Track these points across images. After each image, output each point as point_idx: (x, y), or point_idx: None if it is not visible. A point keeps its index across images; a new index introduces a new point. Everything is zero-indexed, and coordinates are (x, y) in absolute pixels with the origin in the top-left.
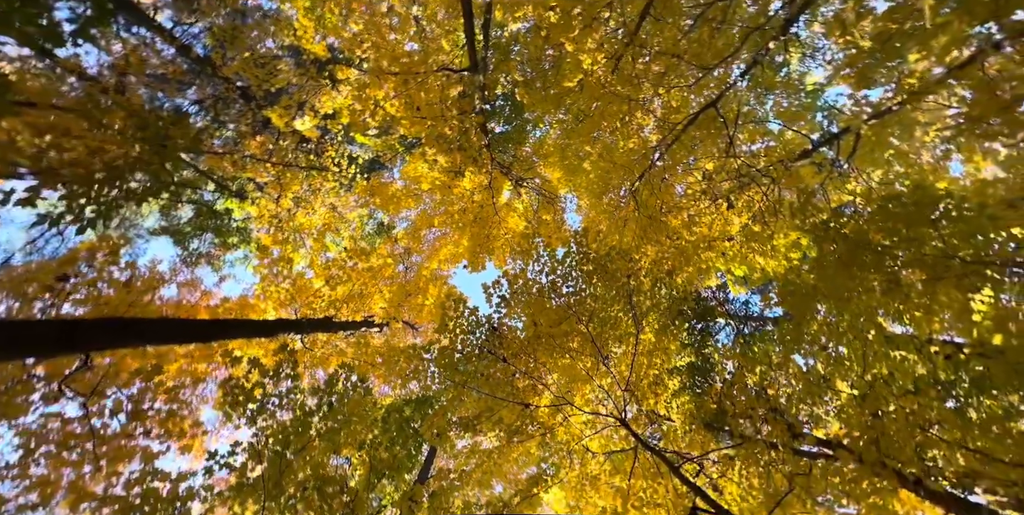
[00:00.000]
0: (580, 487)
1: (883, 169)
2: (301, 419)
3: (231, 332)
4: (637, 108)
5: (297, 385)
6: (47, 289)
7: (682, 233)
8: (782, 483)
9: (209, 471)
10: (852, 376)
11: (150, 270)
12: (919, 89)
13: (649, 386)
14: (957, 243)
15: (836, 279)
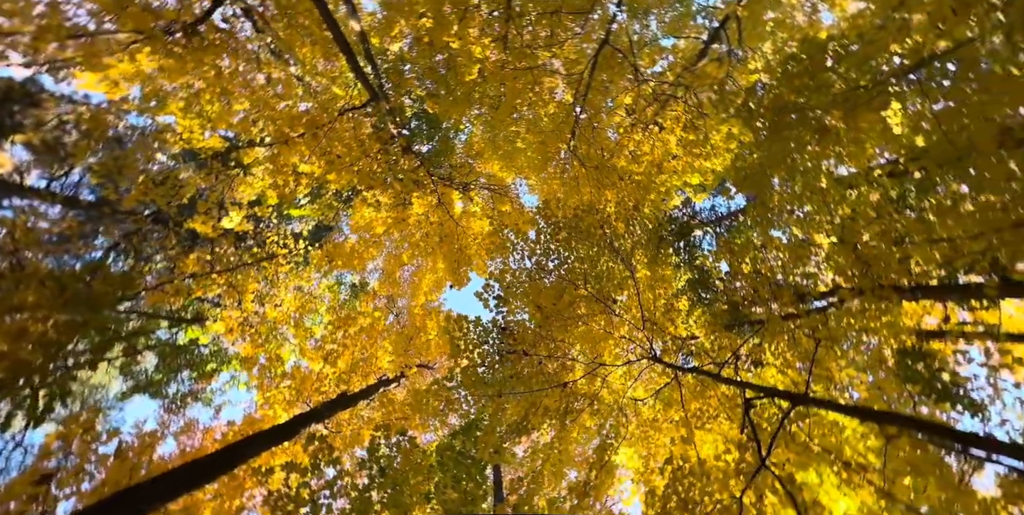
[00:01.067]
0: (644, 436)
1: (770, 41)
2: (359, 499)
3: (248, 450)
4: (541, 75)
5: (341, 469)
6: (32, 499)
7: (631, 169)
8: (809, 344)
9: None
10: (824, 226)
11: (137, 435)
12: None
13: (663, 316)
14: (855, 75)
15: (774, 149)
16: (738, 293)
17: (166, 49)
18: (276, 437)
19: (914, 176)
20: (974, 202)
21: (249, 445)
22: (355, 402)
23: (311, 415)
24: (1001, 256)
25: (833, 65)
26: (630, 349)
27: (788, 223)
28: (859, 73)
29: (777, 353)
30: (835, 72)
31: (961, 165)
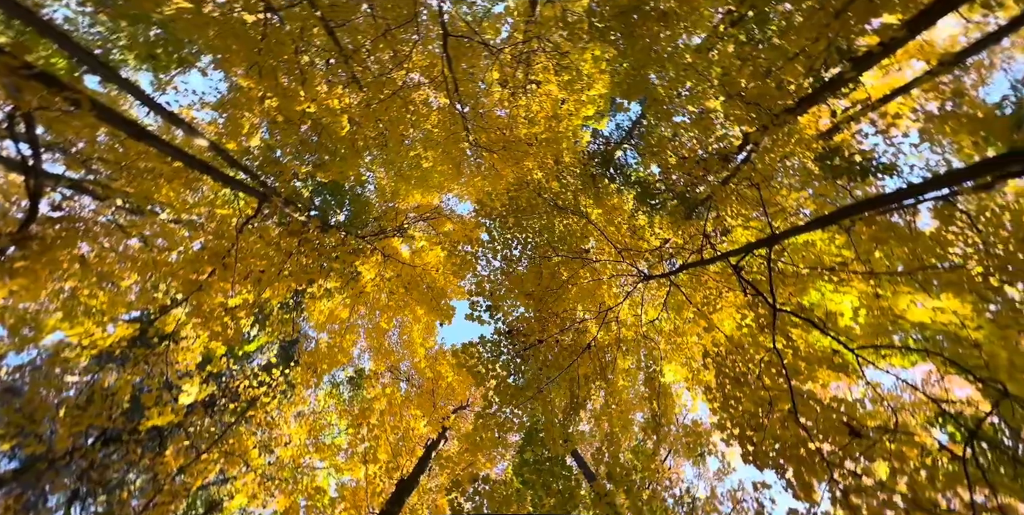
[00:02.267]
0: (676, 347)
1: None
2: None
3: None
4: (407, 93)
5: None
6: None
7: (534, 132)
8: (753, 192)
9: None
10: (709, 92)
11: None
12: None
13: (632, 238)
14: None
15: (635, 50)
16: (678, 184)
17: (8, 271)
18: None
19: (749, 15)
20: (801, 14)
21: None
22: (416, 482)
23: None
24: (840, 43)
25: None
26: (623, 282)
27: (682, 105)
28: None
29: (734, 214)
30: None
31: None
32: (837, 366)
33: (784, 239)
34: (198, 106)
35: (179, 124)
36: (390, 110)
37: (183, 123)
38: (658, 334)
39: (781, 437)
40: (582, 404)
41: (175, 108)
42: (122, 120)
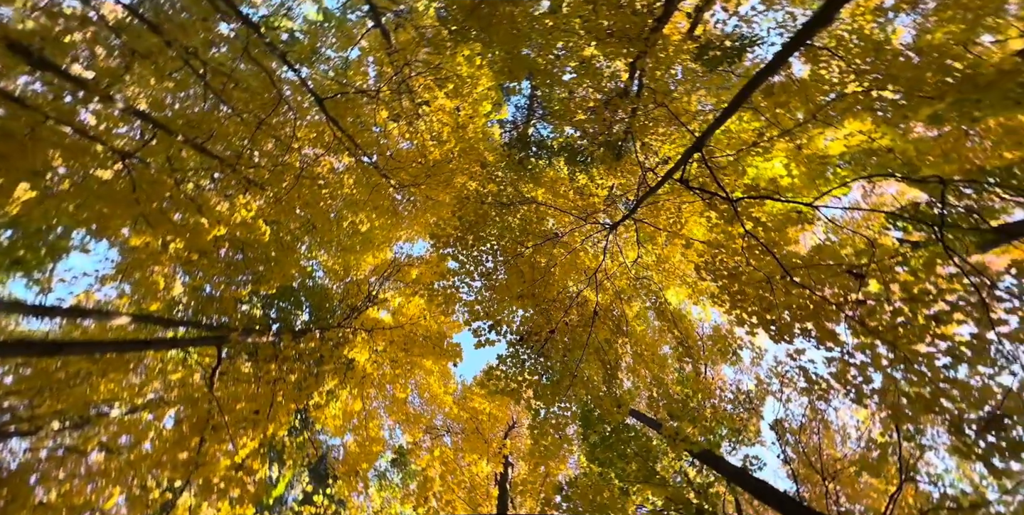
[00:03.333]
0: (667, 274)
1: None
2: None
3: None
4: (299, 171)
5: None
6: None
7: (447, 149)
8: (659, 111)
9: None
10: (580, 43)
11: None
12: None
13: (583, 200)
14: None
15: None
16: (595, 135)
17: None
18: None
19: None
20: None
21: None
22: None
23: None
24: None
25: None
26: (595, 242)
27: (563, 65)
28: None
29: (656, 138)
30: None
31: None
32: (800, 220)
33: (707, 139)
34: (97, 285)
35: (85, 314)
36: (302, 195)
37: (90, 312)
38: (647, 270)
39: (790, 303)
40: (616, 366)
41: (72, 300)
42: (23, 346)
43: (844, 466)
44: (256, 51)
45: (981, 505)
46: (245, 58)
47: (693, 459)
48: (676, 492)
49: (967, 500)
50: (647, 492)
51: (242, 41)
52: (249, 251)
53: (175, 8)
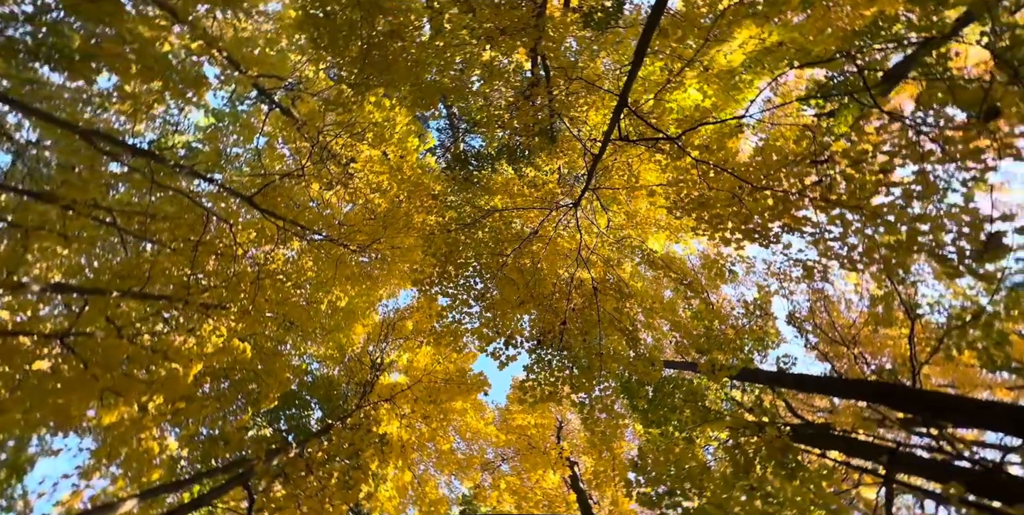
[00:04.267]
0: (642, 227)
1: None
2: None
3: None
4: (252, 280)
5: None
6: None
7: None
8: (578, 84)
9: None
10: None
11: None
12: None
13: (535, 190)
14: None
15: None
16: (525, 127)
17: None
18: None
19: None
20: None
21: None
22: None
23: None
24: None
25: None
26: (565, 224)
27: (470, 75)
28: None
29: (580, 108)
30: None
31: None
32: (734, 132)
33: (628, 93)
34: (82, 482)
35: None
36: (268, 297)
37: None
38: (622, 230)
39: (760, 208)
40: (633, 329)
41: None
42: None
43: (859, 329)
44: (161, 175)
45: (981, 312)
46: (153, 188)
47: (734, 382)
48: (734, 419)
49: (968, 313)
50: (708, 431)
51: (143, 172)
52: (234, 374)
53: (53, 167)
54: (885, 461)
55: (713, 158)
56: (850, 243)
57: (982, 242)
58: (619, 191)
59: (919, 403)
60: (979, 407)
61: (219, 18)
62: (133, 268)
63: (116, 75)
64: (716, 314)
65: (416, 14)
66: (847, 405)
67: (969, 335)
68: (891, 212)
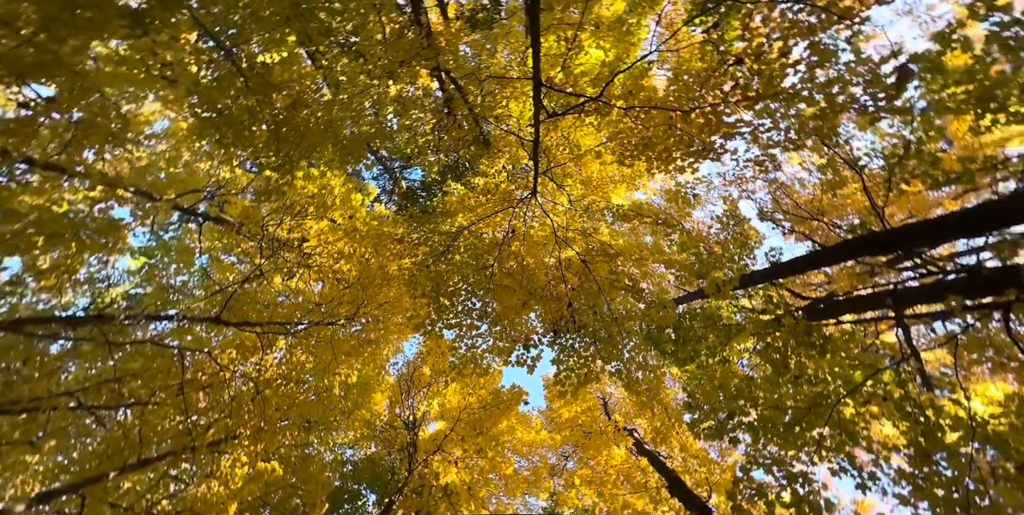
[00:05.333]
0: (600, 187)
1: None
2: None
3: None
4: (250, 395)
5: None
6: None
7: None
8: (490, 83)
9: None
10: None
11: None
12: None
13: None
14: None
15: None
16: (457, 141)
17: None
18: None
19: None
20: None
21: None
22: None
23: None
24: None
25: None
26: (531, 216)
27: (384, 115)
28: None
29: (501, 104)
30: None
31: None
32: (645, 71)
33: (539, 72)
34: None
35: None
36: (277, 404)
37: None
38: (584, 199)
39: (696, 128)
40: (633, 282)
41: None
42: None
43: (819, 199)
44: (112, 335)
45: (909, 144)
46: (110, 351)
47: (739, 292)
48: (754, 323)
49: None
50: (736, 346)
51: (93, 339)
52: (272, 498)
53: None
54: (890, 303)
55: (637, 101)
56: (782, 127)
57: (894, 75)
58: (567, 165)
59: (894, 241)
60: (937, 225)
61: (109, 158)
62: (119, 441)
63: (20, 256)
64: (698, 238)
65: (309, 78)
66: (839, 270)
67: (908, 166)
68: (804, 88)
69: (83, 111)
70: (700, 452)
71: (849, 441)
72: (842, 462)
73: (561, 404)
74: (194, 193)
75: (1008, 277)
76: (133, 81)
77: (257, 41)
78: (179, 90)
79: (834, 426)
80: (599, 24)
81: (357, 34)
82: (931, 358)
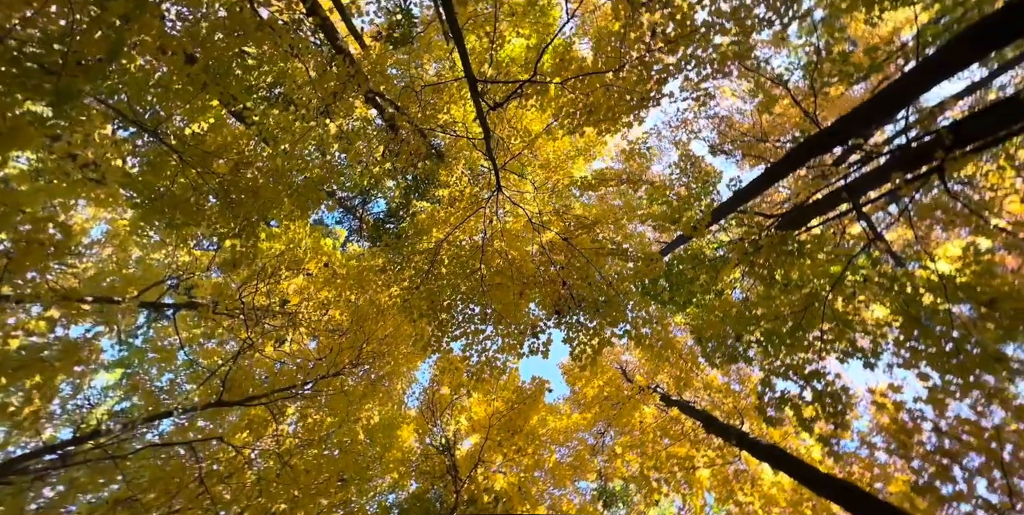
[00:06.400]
0: (564, 163)
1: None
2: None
3: None
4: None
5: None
6: None
7: (338, 310)
8: (427, 93)
9: None
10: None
11: None
12: None
13: (457, 204)
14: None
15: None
16: (412, 159)
17: None
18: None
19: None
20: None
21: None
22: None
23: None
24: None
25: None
26: (503, 212)
27: (329, 150)
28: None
29: (443, 111)
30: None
31: None
32: (569, 45)
33: (470, 70)
34: None
35: None
36: (307, 470)
37: None
38: (548, 181)
39: (630, 81)
40: (617, 245)
41: None
42: None
43: (759, 122)
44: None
45: (819, 49)
46: (111, 475)
47: (714, 228)
48: (737, 252)
49: (812, 56)
50: (725, 278)
51: (90, 463)
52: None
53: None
54: (846, 196)
55: (569, 73)
56: (706, 59)
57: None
58: (523, 154)
59: (832, 137)
60: (857, 112)
61: (53, 277)
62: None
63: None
64: (662, 188)
65: (243, 137)
66: (796, 183)
67: (824, 70)
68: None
69: (12, 235)
70: (723, 386)
71: (847, 330)
72: (846, 350)
73: (583, 384)
74: (156, 286)
75: (934, 143)
76: (57, 192)
77: (179, 114)
78: (109, 187)
79: (830, 320)
80: (514, 12)
81: (280, 84)
82: (894, 237)
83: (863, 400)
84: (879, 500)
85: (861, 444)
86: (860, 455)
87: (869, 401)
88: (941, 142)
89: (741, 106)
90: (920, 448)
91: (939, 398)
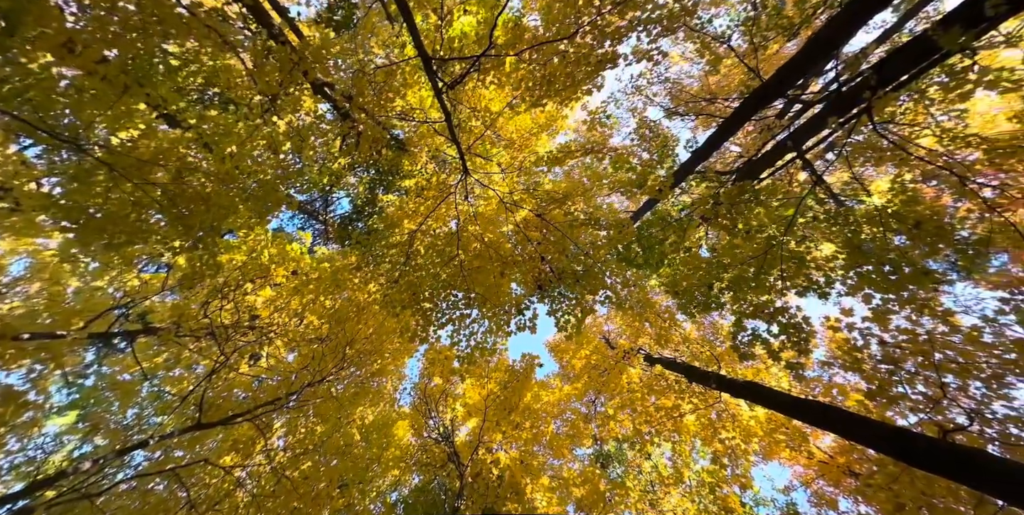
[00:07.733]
0: (529, 142)
1: None
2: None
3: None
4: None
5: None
6: None
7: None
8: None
9: None
10: None
11: None
12: None
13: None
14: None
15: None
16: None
17: None
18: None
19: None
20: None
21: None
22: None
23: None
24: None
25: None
26: (476, 196)
27: (282, 150)
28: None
29: (399, 96)
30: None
31: None
32: (520, 20)
33: (423, 47)
34: None
35: None
36: (307, 477)
37: None
38: (514, 160)
39: (586, 48)
40: (590, 216)
41: None
42: None
43: (704, 84)
44: (88, 490)
45: (757, 7)
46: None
47: (676, 190)
48: (698, 209)
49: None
50: (693, 238)
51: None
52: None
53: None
54: (790, 144)
55: (524, 44)
56: (654, 20)
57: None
58: (488, 135)
59: (774, 88)
60: (791, 63)
61: None
62: None
63: None
64: (624, 156)
65: (182, 142)
66: (744, 135)
67: (761, 24)
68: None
69: None
70: (699, 338)
71: (803, 266)
72: (803, 285)
73: (570, 356)
74: (104, 315)
75: (861, 86)
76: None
77: (100, 121)
78: (26, 215)
79: (787, 260)
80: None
81: (214, 84)
82: (833, 180)
83: (820, 334)
84: (840, 409)
85: (821, 368)
86: (821, 379)
87: (824, 333)
88: (867, 84)
89: (689, 70)
90: (870, 362)
91: (881, 315)
